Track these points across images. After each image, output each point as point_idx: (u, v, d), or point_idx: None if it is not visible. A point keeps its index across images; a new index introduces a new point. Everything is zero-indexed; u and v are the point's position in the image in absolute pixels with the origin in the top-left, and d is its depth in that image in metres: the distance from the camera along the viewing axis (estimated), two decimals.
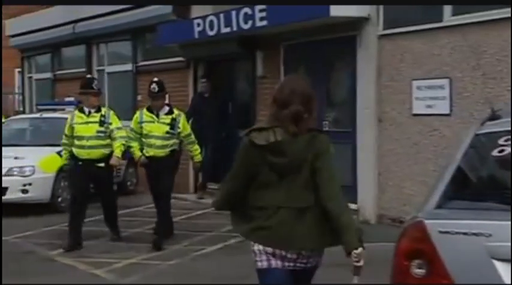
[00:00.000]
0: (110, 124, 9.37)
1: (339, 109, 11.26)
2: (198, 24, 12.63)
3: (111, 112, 9.59)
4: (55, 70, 19.63)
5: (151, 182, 9.64)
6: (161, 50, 15.16)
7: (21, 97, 22.23)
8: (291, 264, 4.13)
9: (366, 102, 10.38)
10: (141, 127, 9.33)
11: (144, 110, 9.51)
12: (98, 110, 9.47)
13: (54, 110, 14.62)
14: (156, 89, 9.36)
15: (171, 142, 9.34)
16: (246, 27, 11.63)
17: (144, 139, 9.38)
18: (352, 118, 10.71)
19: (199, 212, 12.07)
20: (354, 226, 4.09)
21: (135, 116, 9.61)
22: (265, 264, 4.13)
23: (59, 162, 12.08)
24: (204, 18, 12.48)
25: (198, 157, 9.75)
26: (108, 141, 9.37)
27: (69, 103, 15.13)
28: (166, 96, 10.22)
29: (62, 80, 19.24)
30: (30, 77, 21.47)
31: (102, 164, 9.38)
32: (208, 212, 12.09)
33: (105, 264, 8.42)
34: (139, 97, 15.81)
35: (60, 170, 12.12)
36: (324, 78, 11.30)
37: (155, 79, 9.63)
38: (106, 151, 9.39)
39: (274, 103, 4.19)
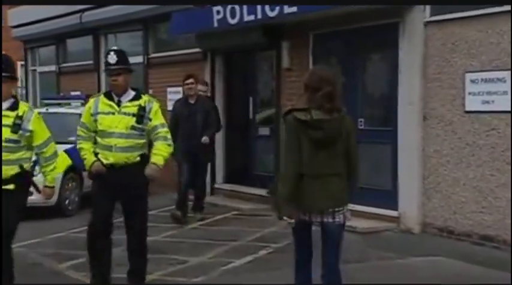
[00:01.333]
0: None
1: (378, 106, 10.19)
2: (218, 12, 11.56)
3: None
4: (60, 63, 18.55)
5: (103, 208, 6.51)
6: (175, 41, 14.14)
7: (24, 91, 21.11)
8: (318, 220, 5.14)
9: (410, 97, 9.31)
10: (95, 121, 6.35)
11: (101, 96, 6.45)
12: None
13: (60, 104, 13.56)
14: (115, 59, 6.36)
15: (141, 142, 6.37)
16: (272, 14, 10.57)
17: (100, 139, 6.37)
18: (392, 115, 9.64)
19: (218, 217, 11.00)
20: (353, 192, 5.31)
21: (87, 105, 6.48)
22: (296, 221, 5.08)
23: (66, 161, 11.05)
24: (224, 5, 11.41)
25: (160, 161, 6.29)
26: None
27: (76, 98, 14.08)
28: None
29: (67, 73, 18.18)
30: (34, 70, 20.40)
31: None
32: (228, 217, 11.05)
33: (121, 280, 7.37)
34: (151, 91, 14.73)
35: (68, 170, 11.07)
36: (360, 70, 10.24)
37: (114, 47, 6.78)
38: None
39: (307, 89, 5.07)
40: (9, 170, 5.97)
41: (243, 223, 10.45)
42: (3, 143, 5.89)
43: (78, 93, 16.05)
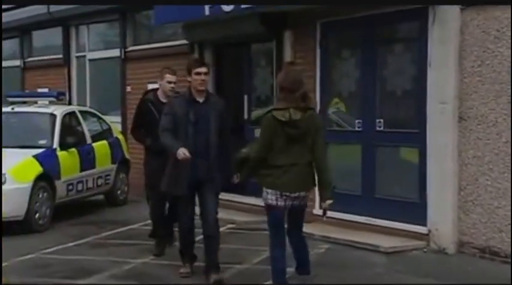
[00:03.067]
0: None
1: (401, 104, 8.83)
2: None
3: None
4: (25, 57, 16.89)
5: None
6: (157, 32, 12.70)
7: None
8: (290, 202, 6.05)
9: (442, 95, 7.99)
10: None
11: None
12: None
13: (25, 103, 11.96)
14: None
15: None
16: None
17: None
18: (420, 115, 8.31)
19: None
20: (330, 183, 6.05)
21: None
22: (274, 202, 6.02)
23: (36, 169, 9.55)
24: None
25: None
26: None
27: (43, 95, 12.52)
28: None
29: (33, 68, 16.55)
30: None
31: None
32: (223, 232, 9.60)
33: None
34: (128, 88, 13.29)
35: (39, 178, 9.56)
36: (379, 65, 8.89)
37: None
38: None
39: (283, 90, 5.95)
40: None
41: (242, 240, 9.05)
42: None
43: (45, 90, 14.57)
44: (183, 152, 6.57)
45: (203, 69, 6.85)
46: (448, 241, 7.93)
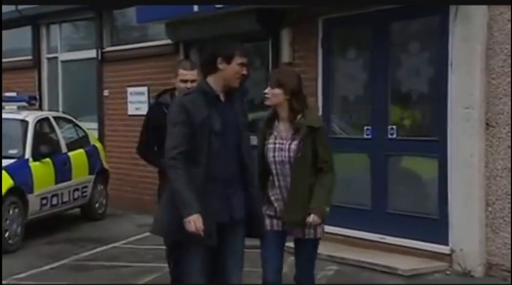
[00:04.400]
0: None
1: (417, 109, 7.96)
2: None
3: None
4: None
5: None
6: (137, 31, 11.72)
7: None
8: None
9: (466, 99, 7.14)
10: None
11: None
12: None
13: None
14: None
15: None
16: None
17: None
18: (440, 122, 7.45)
19: None
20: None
21: None
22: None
23: (7, 182, 8.55)
24: None
25: None
26: None
27: (14, 100, 11.44)
28: None
29: None
30: None
31: None
32: None
33: None
34: (106, 92, 12.27)
35: (9, 193, 8.54)
36: (390, 65, 8.03)
37: None
38: None
39: (294, 94, 4.86)
40: None
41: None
42: None
43: (13, 94, 13.46)
44: (194, 224, 4.24)
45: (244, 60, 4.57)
46: (475, 263, 7.07)
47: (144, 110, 11.38)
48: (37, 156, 9.31)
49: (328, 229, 8.27)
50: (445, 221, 7.34)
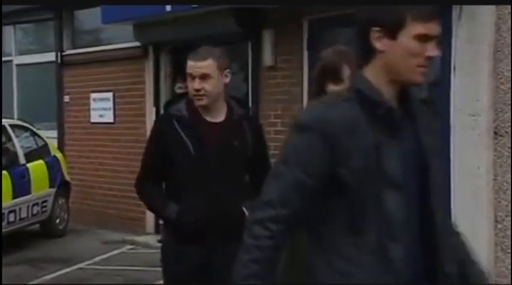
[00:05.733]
0: None
1: None
2: None
3: None
4: None
5: None
6: (101, 32, 10.94)
7: None
8: None
9: (472, 106, 6.55)
10: None
11: None
12: None
13: None
14: None
15: None
16: None
17: None
18: (442, 130, 6.81)
19: None
20: None
21: None
22: None
23: None
24: None
25: None
26: None
27: None
28: None
29: None
30: None
31: None
32: None
33: None
34: (67, 98, 11.44)
35: None
36: None
37: None
38: None
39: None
40: None
41: None
42: None
43: None
44: None
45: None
46: None
47: (108, 117, 10.67)
48: None
49: None
50: None
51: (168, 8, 8.72)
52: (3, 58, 13.07)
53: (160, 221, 4.72)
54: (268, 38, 8.37)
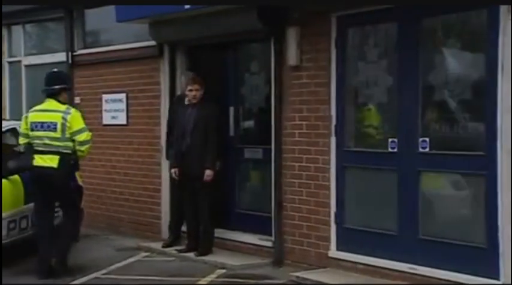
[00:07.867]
0: None
1: (456, 119, 6.82)
2: None
3: None
4: None
5: None
6: (113, 32, 10.50)
7: None
8: None
9: None
10: None
11: None
12: None
13: None
14: None
15: None
16: None
17: None
18: (487, 133, 6.40)
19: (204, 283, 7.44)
20: None
21: None
22: None
23: None
24: None
25: None
26: None
27: None
28: None
29: None
30: None
31: None
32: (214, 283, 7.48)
33: None
34: (77, 99, 11.00)
35: None
36: (421, 67, 6.94)
37: None
38: None
39: None
40: None
41: None
42: None
43: None
44: None
45: None
46: None
47: (121, 119, 10.27)
48: (4, 173, 8.04)
49: (347, 256, 7.31)
50: (495, 251, 6.26)
51: (187, 5, 8.31)
52: (12, 59, 12.72)
53: None
54: (292, 35, 7.89)
